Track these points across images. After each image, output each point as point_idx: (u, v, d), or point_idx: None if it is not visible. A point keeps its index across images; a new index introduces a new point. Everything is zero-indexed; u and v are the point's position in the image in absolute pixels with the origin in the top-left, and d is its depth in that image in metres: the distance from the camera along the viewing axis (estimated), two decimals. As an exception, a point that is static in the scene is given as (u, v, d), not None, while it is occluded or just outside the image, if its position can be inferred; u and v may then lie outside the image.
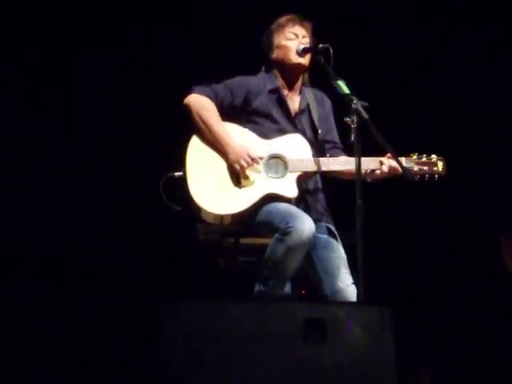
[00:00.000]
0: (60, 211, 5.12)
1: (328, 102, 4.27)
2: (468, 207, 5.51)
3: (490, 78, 5.55)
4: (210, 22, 5.30)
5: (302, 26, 4.16)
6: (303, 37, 4.14)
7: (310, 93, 4.24)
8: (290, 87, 4.20)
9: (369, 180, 4.02)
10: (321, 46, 3.96)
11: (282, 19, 4.20)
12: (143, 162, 5.08)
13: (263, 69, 4.24)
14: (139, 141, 5.17)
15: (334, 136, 4.23)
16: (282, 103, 4.14)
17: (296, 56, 4.09)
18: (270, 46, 4.18)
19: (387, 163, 3.97)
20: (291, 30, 4.15)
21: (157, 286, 4.90)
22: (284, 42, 4.14)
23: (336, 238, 3.99)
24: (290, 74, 4.18)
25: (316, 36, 4.17)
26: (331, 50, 3.91)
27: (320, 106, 4.22)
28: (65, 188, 5.15)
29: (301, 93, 4.22)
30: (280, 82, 4.18)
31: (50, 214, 5.11)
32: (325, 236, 3.97)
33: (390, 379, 3.05)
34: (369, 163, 3.96)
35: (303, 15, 4.21)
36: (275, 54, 4.17)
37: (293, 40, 4.12)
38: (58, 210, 5.11)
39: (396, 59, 5.51)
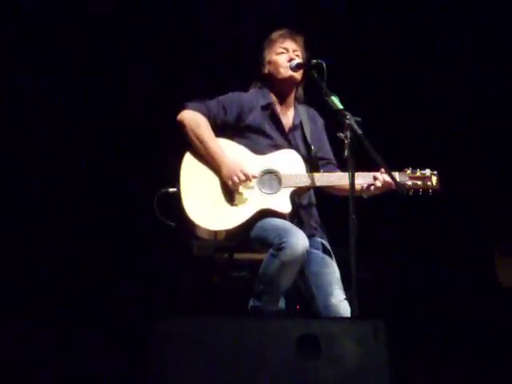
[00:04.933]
0: (56, 225, 5.13)
1: (320, 120, 4.29)
2: (462, 221, 5.52)
3: (482, 88, 5.57)
4: (203, 40, 5.32)
5: (293, 40, 4.19)
6: (294, 51, 4.17)
7: (302, 109, 4.26)
8: (283, 102, 4.22)
9: (364, 196, 4.02)
10: (314, 61, 3.98)
11: (274, 35, 4.24)
12: (138, 177, 5.08)
13: (258, 85, 4.25)
14: (134, 157, 5.18)
15: (327, 152, 4.24)
16: (275, 119, 4.16)
17: (287, 70, 4.11)
18: (261, 62, 4.22)
19: (381, 178, 3.97)
20: (281, 44, 4.18)
21: (150, 301, 4.89)
22: (274, 57, 4.17)
23: (329, 254, 3.99)
24: (282, 88, 4.20)
25: (309, 50, 4.19)
26: (324, 66, 3.92)
27: (312, 123, 4.24)
28: (60, 200, 5.16)
29: (294, 108, 4.24)
30: (273, 98, 4.20)
31: (48, 228, 5.12)
32: (318, 251, 3.97)
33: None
34: (362, 178, 3.97)
35: (295, 30, 4.23)
36: (267, 70, 4.20)
37: (283, 54, 4.15)
38: (54, 224, 5.12)
39: (388, 73, 5.54)
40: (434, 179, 4.07)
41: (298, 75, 4.14)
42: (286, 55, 4.14)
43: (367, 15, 5.54)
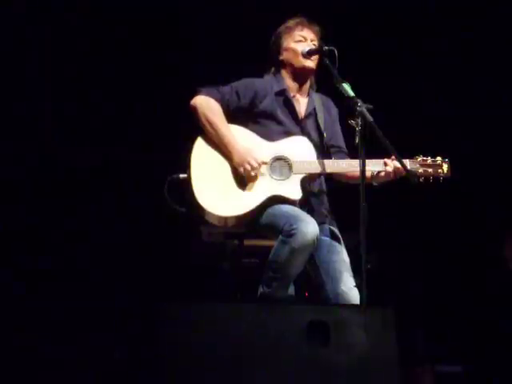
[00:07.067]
0: (65, 211, 5.14)
1: (334, 109, 4.28)
2: (471, 204, 5.52)
3: (493, 79, 5.56)
4: (216, 24, 5.32)
5: (311, 29, 4.17)
6: (311, 40, 4.15)
7: (317, 97, 4.24)
8: (298, 89, 4.20)
9: (374, 184, 4.01)
10: (326, 48, 3.97)
11: (291, 22, 4.21)
12: (148, 163, 5.09)
13: (273, 70, 4.23)
14: (144, 142, 5.19)
15: (339, 141, 4.23)
16: (288, 105, 4.15)
17: (304, 59, 4.10)
18: (278, 48, 4.19)
19: (391, 164, 3.96)
20: (300, 32, 4.16)
21: (161, 287, 4.91)
22: (292, 45, 4.15)
23: (339, 241, 3.99)
24: (298, 76, 4.19)
25: (324, 40, 4.17)
26: (336, 53, 3.91)
27: (326, 112, 4.22)
28: (70, 187, 5.17)
29: (308, 96, 4.23)
30: (288, 84, 4.18)
31: (55, 214, 5.13)
32: (328, 239, 3.97)
33: (392, 380, 3.05)
34: (373, 165, 3.96)
35: (312, 18, 4.22)
36: (283, 56, 4.18)
37: (301, 43, 4.13)
38: (62, 211, 5.13)
39: (399, 61, 5.53)
40: (445, 166, 4.06)
41: (313, 64, 4.12)
42: (303, 44, 4.12)
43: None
